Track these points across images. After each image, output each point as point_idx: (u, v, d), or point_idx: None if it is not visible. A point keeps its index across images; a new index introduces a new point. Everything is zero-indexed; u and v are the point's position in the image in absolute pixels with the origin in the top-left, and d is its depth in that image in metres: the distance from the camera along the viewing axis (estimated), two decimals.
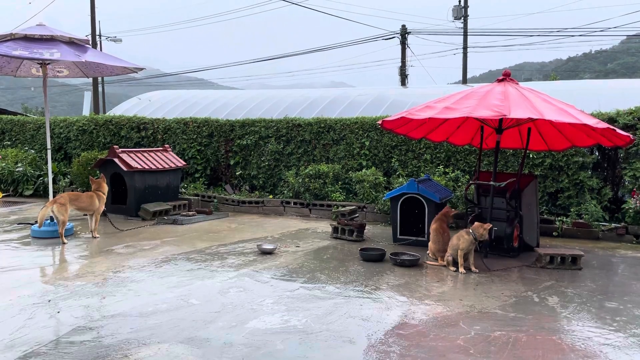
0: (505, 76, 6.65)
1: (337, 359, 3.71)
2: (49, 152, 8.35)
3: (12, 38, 7.13)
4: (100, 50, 29.44)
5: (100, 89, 26.47)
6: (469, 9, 28.40)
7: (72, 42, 7.51)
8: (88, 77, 9.30)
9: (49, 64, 7.96)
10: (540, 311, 4.77)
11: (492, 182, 6.78)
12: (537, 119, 7.04)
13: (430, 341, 4.03)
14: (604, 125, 5.69)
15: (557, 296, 5.24)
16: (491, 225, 6.27)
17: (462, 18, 28.21)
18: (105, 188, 7.96)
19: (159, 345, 3.87)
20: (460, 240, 6.12)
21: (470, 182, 7.28)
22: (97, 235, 7.73)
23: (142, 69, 8.07)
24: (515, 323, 4.44)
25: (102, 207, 7.87)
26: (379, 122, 7.04)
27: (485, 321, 4.48)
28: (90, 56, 7.28)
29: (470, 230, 6.13)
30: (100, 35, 33.77)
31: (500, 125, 6.76)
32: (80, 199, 7.61)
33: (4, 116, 15.78)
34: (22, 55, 6.73)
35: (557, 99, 6.23)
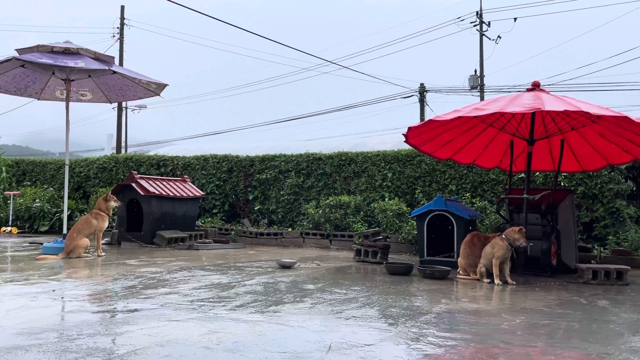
0: (535, 86, 6.41)
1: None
2: (66, 184, 8.20)
3: (38, 50, 7.20)
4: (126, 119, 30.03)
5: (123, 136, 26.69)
6: (484, 65, 28.55)
7: (97, 58, 7.56)
8: (111, 103, 9.33)
9: (73, 80, 8.00)
10: (590, 310, 4.28)
11: (525, 195, 6.41)
12: (568, 131, 6.82)
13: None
14: None
15: (607, 300, 4.75)
16: (524, 229, 5.83)
17: (478, 87, 28.25)
18: (102, 205, 7.48)
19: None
20: (495, 248, 5.68)
21: (502, 196, 6.92)
22: (102, 254, 7.37)
23: (165, 86, 8.05)
24: (563, 316, 3.97)
25: (104, 224, 7.46)
26: (404, 132, 6.74)
27: (530, 314, 4.01)
28: (115, 67, 7.30)
29: (504, 236, 5.70)
30: (126, 108, 33.75)
31: (532, 135, 6.48)
32: (79, 224, 7.35)
33: (26, 158, 15.96)
34: (48, 62, 6.76)
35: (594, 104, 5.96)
